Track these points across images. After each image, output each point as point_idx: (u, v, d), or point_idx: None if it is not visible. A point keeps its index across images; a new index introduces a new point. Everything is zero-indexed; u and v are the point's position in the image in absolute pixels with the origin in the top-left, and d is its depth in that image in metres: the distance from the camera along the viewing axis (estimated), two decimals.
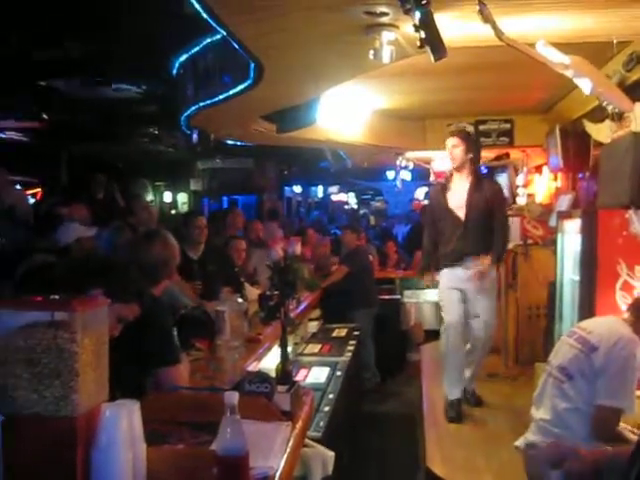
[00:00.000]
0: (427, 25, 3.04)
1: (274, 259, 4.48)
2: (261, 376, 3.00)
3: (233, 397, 2.08)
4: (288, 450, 2.56)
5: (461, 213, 5.91)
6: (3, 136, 12.22)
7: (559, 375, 3.31)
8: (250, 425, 2.60)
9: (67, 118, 10.74)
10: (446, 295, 5.97)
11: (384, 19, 3.64)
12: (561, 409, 3.26)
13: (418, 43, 3.16)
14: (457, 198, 5.95)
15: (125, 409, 2.04)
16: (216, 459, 2.06)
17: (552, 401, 3.32)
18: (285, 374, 3.15)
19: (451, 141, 5.92)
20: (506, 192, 8.58)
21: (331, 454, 3.48)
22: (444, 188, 6.08)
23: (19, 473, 1.95)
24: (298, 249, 8.40)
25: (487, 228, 5.88)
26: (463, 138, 5.91)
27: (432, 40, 3.15)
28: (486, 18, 3.22)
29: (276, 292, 3.33)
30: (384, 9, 3.48)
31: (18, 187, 13.08)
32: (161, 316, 3.38)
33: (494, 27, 3.29)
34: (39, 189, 13.60)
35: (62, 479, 1.94)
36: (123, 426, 2.00)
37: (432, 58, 3.29)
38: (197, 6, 3.44)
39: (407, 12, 3.05)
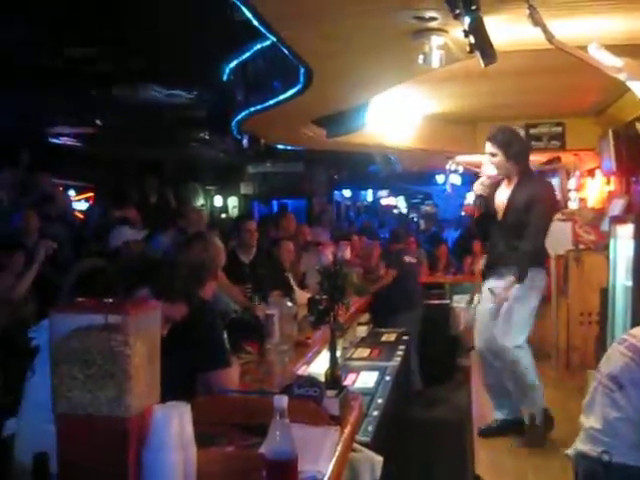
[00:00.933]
0: (477, 30, 3.03)
1: (324, 264, 4.47)
2: (310, 380, 3.01)
3: (282, 401, 2.09)
4: (336, 454, 2.57)
5: (499, 216, 5.27)
6: (58, 142, 12.47)
7: (609, 384, 3.24)
8: (299, 429, 2.62)
9: (120, 123, 10.92)
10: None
11: (433, 24, 3.64)
12: (612, 418, 3.19)
13: (468, 48, 3.15)
14: (500, 198, 5.29)
15: (176, 411, 2.07)
16: (265, 462, 2.07)
17: (602, 410, 3.25)
18: (334, 379, 3.16)
19: (487, 148, 5.24)
20: (558, 196, 8.46)
21: (379, 459, 3.47)
22: (497, 184, 5.35)
23: (73, 471, 1.99)
24: (347, 254, 8.42)
25: (519, 238, 5.07)
26: (497, 142, 5.12)
27: (482, 45, 3.14)
28: (536, 21, 3.19)
29: (325, 297, 3.35)
30: (433, 14, 3.49)
31: (72, 192, 13.39)
32: (211, 319, 3.42)
33: (544, 30, 3.26)
34: (92, 193, 13.88)
35: (114, 479, 1.97)
36: (174, 428, 2.03)
37: (482, 63, 3.27)
38: (248, 14, 3.48)
39: (457, 17, 3.05)
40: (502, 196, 5.23)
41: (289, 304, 5.17)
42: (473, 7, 2.92)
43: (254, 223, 6.72)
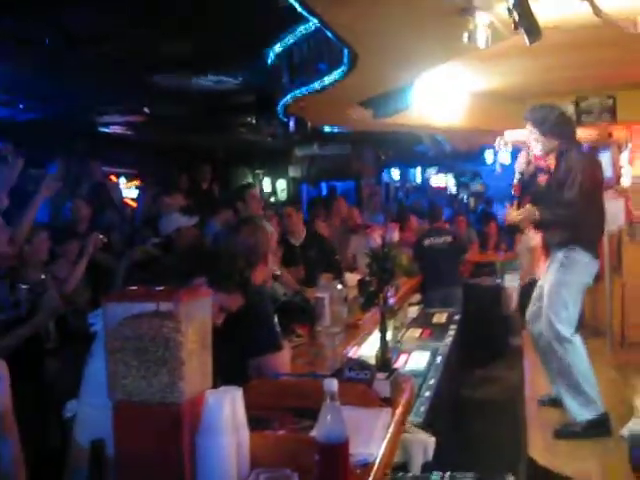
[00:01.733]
0: (521, 7, 2.98)
1: (372, 246, 4.48)
2: (361, 363, 3.02)
3: (332, 384, 2.10)
4: (388, 436, 2.58)
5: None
6: (108, 130, 12.63)
7: None
8: (350, 411, 2.63)
9: (168, 111, 11.01)
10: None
11: (478, 1, 3.59)
12: None
13: (512, 25, 3.10)
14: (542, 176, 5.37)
15: (228, 396, 2.10)
16: (316, 446, 2.09)
17: None
18: (385, 361, 3.17)
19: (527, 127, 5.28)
20: (609, 172, 8.26)
21: (432, 439, 3.48)
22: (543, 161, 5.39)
23: (129, 456, 2.04)
24: (396, 235, 8.38)
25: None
26: (532, 120, 5.24)
27: (526, 22, 3.08)
28: None
29: (374, 279, 3.35)
30: None
31: (123, 179, 13.58)
32: (263, 304, 3.45)
33: (592, 4, 3.19)
34: (142, 181, 14.04)
35: (169, 464, 2.01)
36: (226, 412, 2.06)
37: (527, 41, 3.22)
38: None
39: None
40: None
41: (339, 287, 5.18)
42: None
43: (292, 209, 6.73)
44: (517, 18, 3.03)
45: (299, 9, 3.79)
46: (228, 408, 2.07)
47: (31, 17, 5.98)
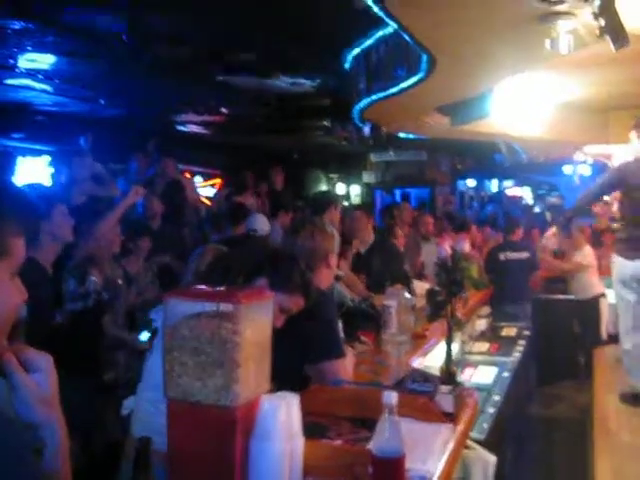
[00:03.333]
0: (607, 12, 2.86)
1: (442, 256, 4.39)
2: (424, 375, 2.96)
3: (392, 397, 2.05)
4: (447, 453, 2.50)
5: None
6: (185, 129, 12.81)
7: None
8: (410, 424, 2.57)
9: (245, 112, 11.09)
10: None
11: (560, 7, 3.47)
12: None
13: (597, 32, 2.98)
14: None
15: (284, 402, 2.06)
16: (372, 459, 2.04)
17: None
18: (449, 374, 3.10)
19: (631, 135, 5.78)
20: None
21: (493, 458, 3.38)
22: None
23: (182, 456, 2.03)
24: (467, 246, 8.23)
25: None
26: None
27: (612, 28, 2.96)
28: None
29: (443, 289, 3.28)
30: None
31: (199, 178, 13.76)
32: (326, 308, 3.39)
33: None
34: (219, 180, 14.21)
35: (221, 466, 1.99)
36: (281, 418, 2.02)
37: (613, 47, 3.09)
38: (370, 0, 3.43)
39: None
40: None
41: (407, 295, 5.10)
42: None
43: (361, 213, 6.69)
44: (603, 23, 2.91)
45: (378, 13, 3.74)
46: (283, 414, 2.04)
47: (110, 14, 6.08)
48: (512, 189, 23.19)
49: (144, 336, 4.80)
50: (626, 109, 8.12)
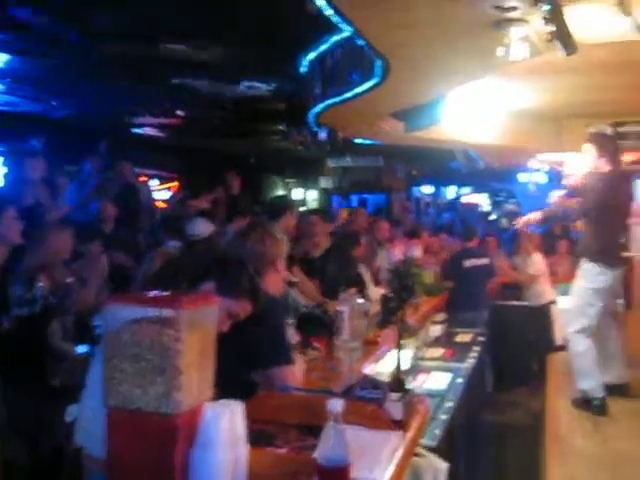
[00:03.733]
0: (556, 18, 2.87)
1: (393, 262, 4.38)
2: (374, 382, 2.93)
3: (337, 405, 2.01)
4: (395, 461, 2.47)
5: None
6: (141, 132, 12.68)
7: None
8: (359, 432, 2.54)
9: (201, 115, 11.02)
10: None
11: (514, 14, 3.48)
12: None
13: (548, 37, 2.99)
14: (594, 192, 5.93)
15: (228, 409, 2.02)
16: (317, 467, 2.00)
17: None
18: (399, 381, 3.07)
19: (584, 147, 6.01)
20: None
21: (444, 465, 3.36)
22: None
23: (120, 465, 1.99)
24: (419, 252, 8.21)
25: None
26: (593, 142, 5.96)
27: (561, 34, 2.97)
28: (626, 11, 3.01)
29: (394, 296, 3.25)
30: (514, 3, 3.33)
31: (156, 181, 13.64)
32: (274, 314, 3.35)
33: (635, 21, 3.07)
34: (174, 183, 14.08)
35: (161, 475, 1.95)
36: (224, 426, 1.98)
37: (562, 53, 3.11)
38: (322, 4, 3.40)
39: (535, 4, 2.90)
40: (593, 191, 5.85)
41: (360, 300, 5.07)
42: None
43: (318, 217, 6.64)
44: (552, 29, 2.92)
45: (331, 16, 3.71)
46: (226, 422, 2.00)
47: (61, 15, 5.99)
48: (469, 196, 23.40)
49: (82, 348, 4.76)
50: (579, 117, 8.22)
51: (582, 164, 6.35)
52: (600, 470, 4.75)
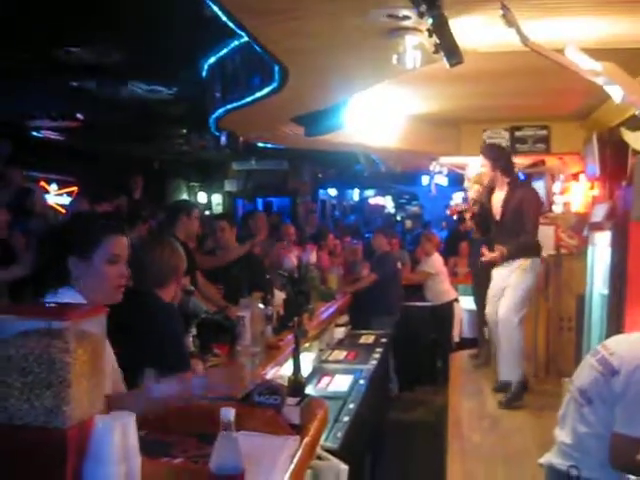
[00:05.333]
0: (440, 30, 2.95)
1: (288, 267, 4.39)
2: (271, 387, 2.93)
3: (229, 413, 2.01)
4: (292, 467, 2.48)
5: (498, 217, 6.56)
6: (39, 135, 12.34)
7: (579, 398, 3.16)
8: (255, 439, 2.54)
9: (101, 118, 10.81)
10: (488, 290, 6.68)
11: (406, 23, 3.54)
12: (582, 433, 3.11)
13: (433, 48, 3.06)
14: (496, 203, 6.58)
15: (119, 421, 1.98)
16: (210, 477, 2.00)
17: (573, 424, 3.18)
18: (297, 386, 3.08)
19: (479, 160, 6.66)
20: (543, 200, 8.48)
21: (344, 467, 3.40)
22: (490, 191, 6.71)
23: None
24: (313, 257, 8.24)
25: (518, 231, 6.30)
26: (487, 156, 6.52)
27: (446, 45, 3.05)
28: (510, 22, 3.10)
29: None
30: (406, 12, 3.39)
31: (54, 186, 13.28)
32: (171, 323, 3.31)
33: (518, 32, 3.17)
34: (75, 188, 13.74)
35: None
36: (116, 439, 1.94)
37: (447, 64, 3.19)
38: (216, 9, 3.39)
39: (421, 16, 2.96)
40: (497, 201, 6.55)
41: (261, 305, 5.07)
42: (437, 5, 2.83)
43: (226, 223, 6.59)
44: (437, 40, 3.00)
45: (227, 22, 3.70)
46: (118, 434, 1.96)
47: None
48: (375, 198, 23.70)
49: None
50: (476, 122, 8.45)
51: (480, 177, 7.03)
52: (496, 465, 4.89)
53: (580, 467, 3.06)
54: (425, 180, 13.74)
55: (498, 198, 6.55)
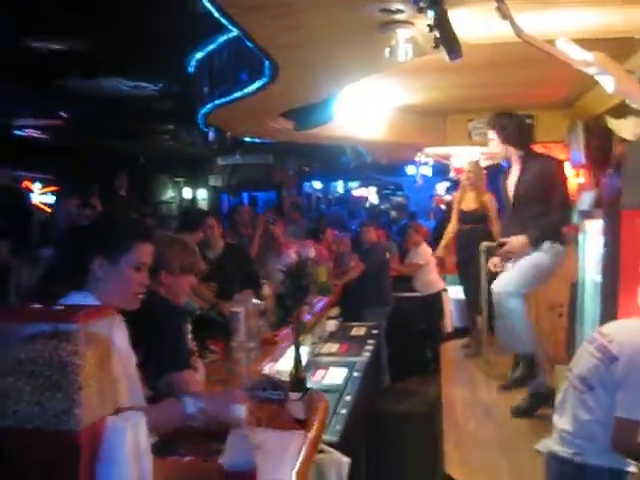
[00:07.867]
0: (441, 24, 2.96)
1: (287, 262, 4.39)
2: (273, 383, 2.95)
3: (240, 411, 2.03)
4: (300, 460, 2.51)
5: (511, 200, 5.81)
6: (23, 134, 12.26)
7: (580, 385, 3.21)
8: (261, 434, 2.55)
9: (86, 115, 10.75)
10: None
11: (399, 16, 3.55)
12: (583, 420, 3.16)
13: (433, 43, 3.07)
14: (511, 185, 5.78)
15: (130, 422, 1.99)
16: (223, 473, 2.01)
17: (574, 411, 3.22)
18: (298, 381, 3.10)
19: (489, 134, 5.87)
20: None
21: (346, 460, 3.43)
22: (506, 173, 5.93)
23: None
24: (312, 252, 8.26)
25: (541, 212, 5.52)
26: (493, 126, 5.83)
27: (447, 40, 3.06)
28: (504, 14, 3.11)
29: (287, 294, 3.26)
30: (399, 6, 3.39)
31: (38, 185, 13.21)
32: (168, 319, 3.29)
33: (512, 24, 3.18)
34: (59, 186, 13.67)
35: None
36: (128, 439, 1.96)
37: (447, 58, 3.20)
38: (207, 4, 3.37)
39: (421, 11, 2.97)
40: (511, 182, 5.75)
41: (255, 301, 5.08)
42: (437, 0, 2.84)
43: (214, 220, 6.55)
44: (438, 35, 3.01)
45: (219, 18, 3.69)
46: (130, 435, 1.97)
47: None
48: (358, 190, 23.72)
49: None
50: (461, 113, 8.47)
51: (490, 153, 6.39)
52: (493, 452, 4.92)
53: (585, 454, 3.10)
54: (410, 170, 13.77)
55: (513, 179, 5.78)
